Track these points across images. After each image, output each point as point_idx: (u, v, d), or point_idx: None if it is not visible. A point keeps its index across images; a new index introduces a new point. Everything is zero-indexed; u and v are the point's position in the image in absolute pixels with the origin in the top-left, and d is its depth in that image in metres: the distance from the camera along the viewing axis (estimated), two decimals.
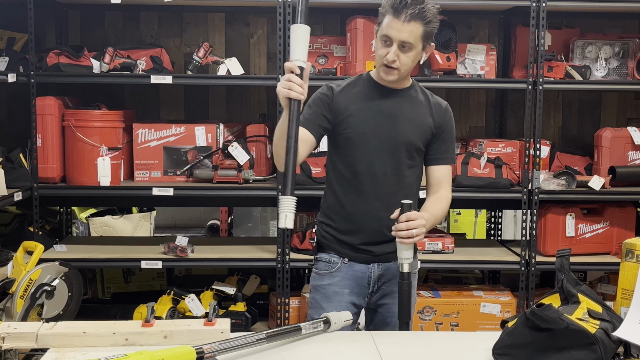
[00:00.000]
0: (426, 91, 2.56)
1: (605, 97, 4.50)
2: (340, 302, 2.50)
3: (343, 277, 2.52)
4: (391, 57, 2.35)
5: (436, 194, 2.52)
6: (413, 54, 2.38)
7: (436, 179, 2.53)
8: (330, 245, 2.55)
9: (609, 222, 3.96)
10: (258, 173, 3.95)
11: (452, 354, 1.95)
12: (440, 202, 2.50)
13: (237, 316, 3.86)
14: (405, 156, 2.47)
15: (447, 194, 2.53)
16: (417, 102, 2.50)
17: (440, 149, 2.52)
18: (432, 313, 3.87)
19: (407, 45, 2.35)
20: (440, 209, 2.49)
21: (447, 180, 2.54)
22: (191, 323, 2.00)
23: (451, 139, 2.56)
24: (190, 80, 4.00)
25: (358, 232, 2.50)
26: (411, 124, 2.46)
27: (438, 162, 2.53)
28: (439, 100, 2.55)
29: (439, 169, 2.53)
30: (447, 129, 2.53)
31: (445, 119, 2.52)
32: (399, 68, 2.38)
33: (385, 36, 2.35)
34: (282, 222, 2.11)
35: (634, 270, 1.91)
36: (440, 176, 2.53)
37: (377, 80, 2.48)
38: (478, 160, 3.86)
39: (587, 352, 1.70)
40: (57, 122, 3.77)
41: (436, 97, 2.56)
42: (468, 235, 5.60)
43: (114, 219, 5.11)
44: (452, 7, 3.88)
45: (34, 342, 1.87)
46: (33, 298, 3.24)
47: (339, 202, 2.51)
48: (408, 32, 2.32)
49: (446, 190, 2.53)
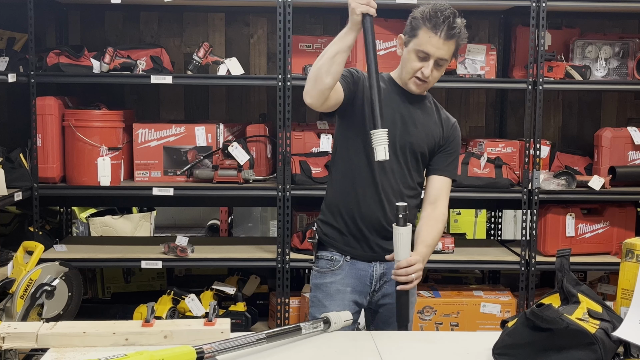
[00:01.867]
0: (437, 104, 2.61)
1: (605, 97, 4.50)
2: (342, 300, 2.50)
3: (345, 275, 2.52)
4: (427, 73, 2.40)
5: (432, 211, 2.52)
6: (443, 69, 2.45)
7: (435, 190, 2.55)
8: (331, 243, 2.55)
9: (609, 222, 3.96)
10: (258, 173, 3.95)
11: (452, 354, 1.95)
12: (436, 225, 2.52)
13: (237, 316, 3.86)
14: (411, 158, 2.50)
15: (443, 211, 2.55)
16: (430, 112, 2.55)
17: (444, 161, 2.56)
18: (432, 313, 3.87)
19: (442, 62, 2.41)
20: (437, 234, 2.52)
21: (445, 193, 2.57)
22: (191, 323, 2.00)
23: (456, 155, 2.60)
24: (190, 80, 4.01)
25: (360, 228, 2.50)
26: (422, 130, 2.50)
27: (440, 173, 2.56)
28: (448, 115, 2.61)
29: (440, 180, 2.56)
30: (454, 144, 2.58)
31: (453, 134, 2.58)
32: (429, 82, 2.44)
33: (422, 52, 2.38)
34: (382, 154, 2.17)
35: (634, 270, 1.91)
36: (439, 187, 2.55)
37: (400, 84, 2.51)
38: (478, 160, 3.86)
39: (587, 352, 1.71)
40: (57, 122, 3.77)
41: (446, 112, 2.61)
42: (468, 235, 5.60)
43: (114, 219, 5.11)
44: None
45: (34, 342, 1.87)
46: (33, 298, 3.24)
47: (342, 198, 2.52)
48: (446, 50, 2.38)
49: (443, 206, 2.55)
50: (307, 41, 4.02)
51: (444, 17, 2.33)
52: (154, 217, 5.47)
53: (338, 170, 2.55)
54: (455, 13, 2.37)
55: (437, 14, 2.34)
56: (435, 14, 2.34)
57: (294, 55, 3.81)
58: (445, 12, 2.34)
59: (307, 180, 3.79)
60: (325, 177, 3.64)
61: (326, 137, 3.86)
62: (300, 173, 3.77)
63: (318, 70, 2.27)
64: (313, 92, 2.30)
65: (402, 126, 2.48)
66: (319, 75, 2.26)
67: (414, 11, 2.41)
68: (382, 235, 2.50)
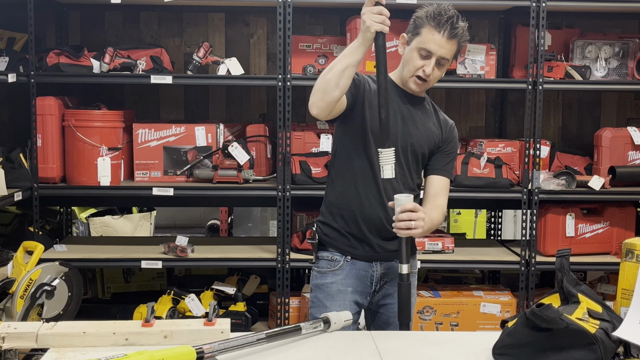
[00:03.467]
0: (435, 106, 2.63)
1: (605, 97, 4.50)
2: (343, 300, 2.50)
3: (346, 276, 2.52)
4: (429, 71, 2.41)
5: (433, 202, 2.54)
6: (444, 69, 2.46)
7: (434, 189, 2.56)
8: (332, 243, 2.55)
9: (609, 222, 3.96)
10: (258, 173, 3.95)
11: (452, 354, 1.95)
12: (437, 209, 2.53)
13: (237, 316, 3.86)
14: (411, 158, 2.51)
15: (443, 205, 2.57)
16: (429, 113, 2.57)
17: (442, 161, 2.57)
18: (432, 313, 3.87)
19: (443, 62, 2.42)
20: (436, 216, 2.52)
21: (444, 192, 2.58)
22: (191, 323, 2.00)
23: (453, 157, 2.62)
24: (190, 80, 4.01)
25: (362, 228, 2.50)
26: (422, 131, 2.52)
27: (439, 173, 2.57)
28: (446, 117, 2.63)
29: (439, 179, 2.57)
30: (452, 145, 2.60)
31: (451, 135, 2.60)
32: (429, 81, 2.45)
33: (425, 50, 2.39)
34: (389, 172, 2.24)
35: (634, 270, 1.91)
36: (438, 186, 2.56)
37: (400, 85, 2.52)
38: (478, 160, 3.86)
39: (587, 352, 1.71)
40: (57, 122, 3.77)
41: (443, 114, 2.63)
42: (468, 235, 5.60)
43: (114, 219, 5.10)
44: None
45: (34, 342, 1.87)
46: (33, 298, 3.24)
47: (343, 199, 2.51)
48: (448, 49, 2.40)
49: (442, 201, 2.57)
50: (307, 41, 4.03)
51: (447, 17, 2.36)
52: (154, 217, 5.47)
53: (338, 171, 2.54)
54: (459, 15, 2.41)
55: (442, 13, 2.37)
56: (440, 13, 2.37)
57: (294, 55, 3.81)
58: (449, 12, 2.38)
59: (307, 180, 3.79)
60: (325, 177, 3.63)
61: (326, 137, 3.86)
62: (300, 173, 3.77)
63: (327, 83, 2.28)
64: (320, 104, 2.31)
65: (403, 127, 2.48)
66: (327, 88, 2.27)
67: (418, 11, 2.43)
68: (383, 236, 2.50)
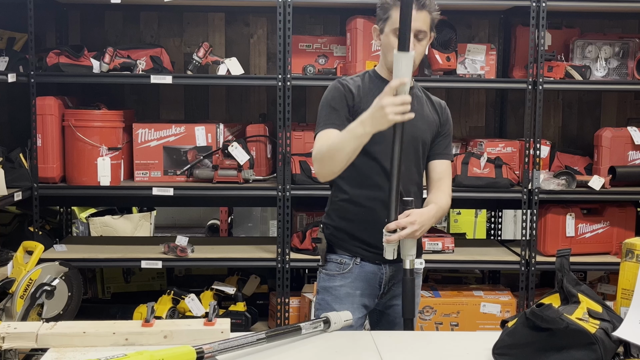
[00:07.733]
0: (425, 90, 2.61)
1: (605, 97, 4.50)
2: (352, 303, 2.47)
3: (355, 279, 2.50)
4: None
5: (439, 187, 2.54)
6: (425, 43, 2.43)
7: (438, 174, 2.55)
8: (341, 245, 2.52)
9: (609, 222, 3.96)
10: (258, 173, 3.95)
11: (452, 354, 1.95)
12: (443, 194, 2.52)
13: (237, 316, 3.86)
14: (415, 152, 2.49)
15: (448, 189, 2.56)
16: (423, 101, 2.54)
17: (442, 145, 2.56)
18: (432, 313, 3.87)
19: (421, 36, 2.39)
20: (444, 202, 2.51)
21: (448, 175, 2.57)
22: (191, 323, 2.00)
23: (450, 137, 2.61)
24: (190, 80, 4.01)
25: (370, 229, 2.46)
26: (422, 121, 2.49)
27: (440, 157, 2.56)
28: (437, 99, 2.61)
29: (442, 164, 2.56)
30: (448, 126, 2.59)
31: (447, 116, 2.59)
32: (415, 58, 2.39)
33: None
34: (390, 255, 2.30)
35: (634, 270, 1.91)
36: (441, 170, 2.56)
37: (387, 77, 2.46)
38: (478, 160, 3.86)
39: (587, 352, 1.70)
40: (57, 122, 3.77)
41: (434, 97, 2.61)
42: (468, 235, 5.60)
43: (114, 218, 5.11)
44: (452, 7, 3.88)
45: (34, 342, 1.87)
46: (33, 298, 3.24)
47: (351, 201, 2.49)
48: (421, 20, 2.37)
49: (447, 186, 2.56)
50: (307, 41, 4.03)
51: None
52: (154, 217, 5.47)
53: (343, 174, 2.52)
54: None
55: None
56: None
57: (294, 55, 3.81)
58: None
59: (307, 180, 3.78)
60: None
61: None
62: (300, 173, 3.77)
63: (333, 160, 2.32)
64: (328, 177, 2.42)
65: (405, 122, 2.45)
66: (334, 165, 2.33)
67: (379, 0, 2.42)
68: None
